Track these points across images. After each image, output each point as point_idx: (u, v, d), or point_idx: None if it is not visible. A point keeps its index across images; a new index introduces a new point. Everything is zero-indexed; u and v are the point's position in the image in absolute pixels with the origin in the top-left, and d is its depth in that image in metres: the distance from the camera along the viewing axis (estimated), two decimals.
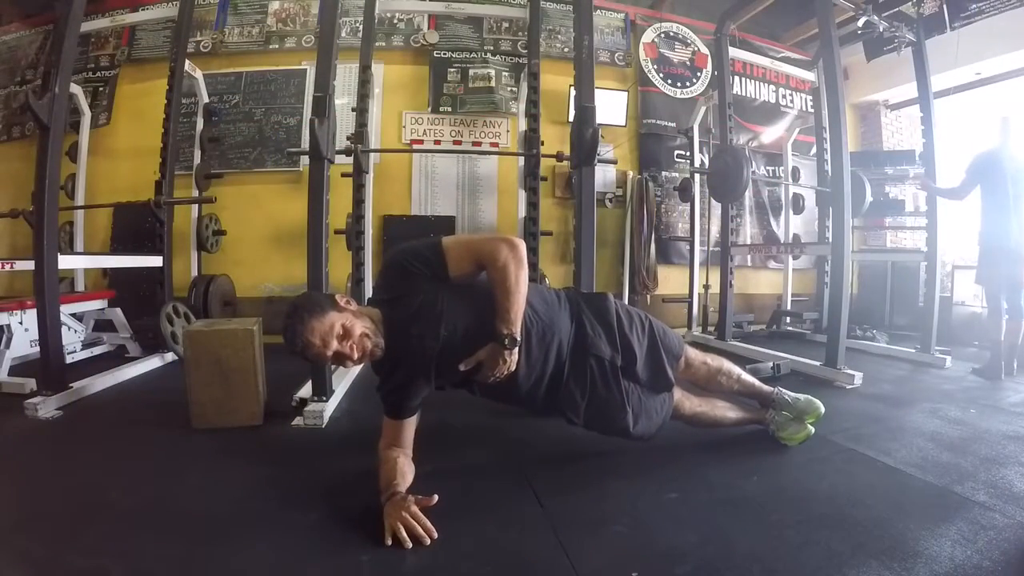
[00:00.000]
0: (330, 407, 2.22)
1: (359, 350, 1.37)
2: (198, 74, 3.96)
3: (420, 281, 1.43)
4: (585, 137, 2.35)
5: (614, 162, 4.38)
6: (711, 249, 4.55)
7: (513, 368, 1.43)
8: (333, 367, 2.38)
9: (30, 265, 2.39)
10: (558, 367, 1.56)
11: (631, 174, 4.83)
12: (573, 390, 1.58)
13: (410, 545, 1.19)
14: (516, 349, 1.41)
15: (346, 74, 3.97)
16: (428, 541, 1.21)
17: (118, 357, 3.30)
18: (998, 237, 3.12)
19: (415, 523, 1.23)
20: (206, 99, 4.10)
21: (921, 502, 1.45)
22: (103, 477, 1.62)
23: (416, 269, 1.43)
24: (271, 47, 4.49)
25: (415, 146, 4.53)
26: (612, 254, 4.76)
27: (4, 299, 3.11)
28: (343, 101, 3.99)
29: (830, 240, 3.34)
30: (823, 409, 1.85)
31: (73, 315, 3.22)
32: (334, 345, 1.34)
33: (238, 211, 4.25)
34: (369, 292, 3.15)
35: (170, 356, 3.24)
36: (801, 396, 1.88)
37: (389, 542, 1.20)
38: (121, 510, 1.40)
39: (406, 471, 1.43)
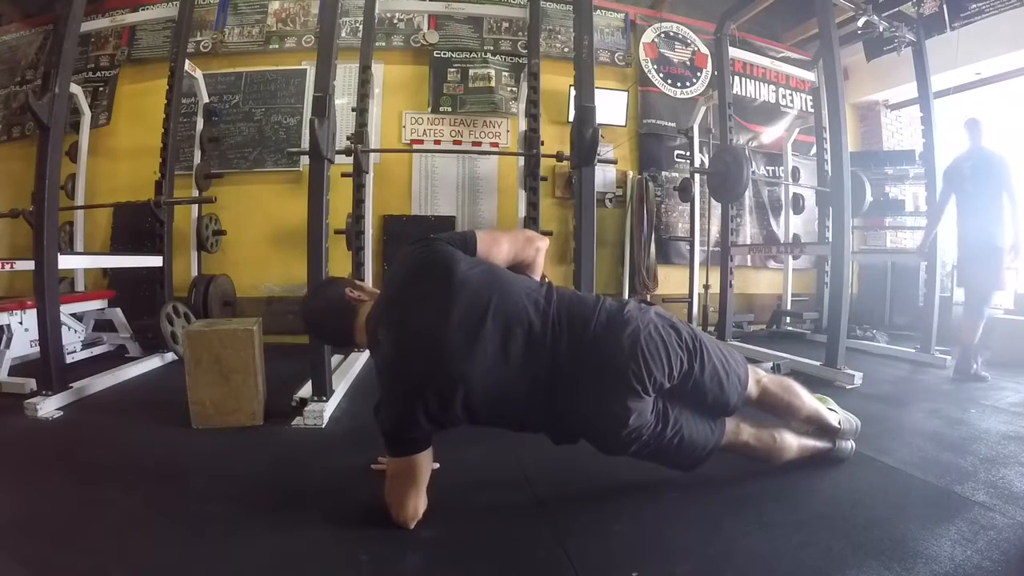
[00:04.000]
0: (330, 407, 2.22)
1: None
2: (198, 74, 3.96)
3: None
4: (585, 137, 2.35)
5: (614, 162, 4.38)
6: (711, 249, 4.55)
7: None
8: (333, 369, 2.38)
9: (30, 265, 2.39)
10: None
11: (631, 174, 4.83)
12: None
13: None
14: None
15: (346, 74, 3.97)
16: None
17: (118, 357, 3.30)
18: (966, 239, 3.22)
19: None
20: (206, 99, 4.10)
21: (921, 502, 1.45)
22: (103, 477, 1.62)
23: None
24: (271, 47, 4.49)
25: (415, 146, 4.52)
26: (612, 254, 4.76)
27: (4, 299, 3.11)
28: (343, 101, 3.99)
29: (830, 240, 3.34)
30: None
31: (73, 315, 3.22)
32: None
33: (238, 211, 4.25)
34: None
35: (170, 356, 3.24)
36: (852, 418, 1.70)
37: None
38: (121, 510, 1.40)
39: None
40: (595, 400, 1.26)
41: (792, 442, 1.56)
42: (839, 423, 1.66)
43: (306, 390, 2.28)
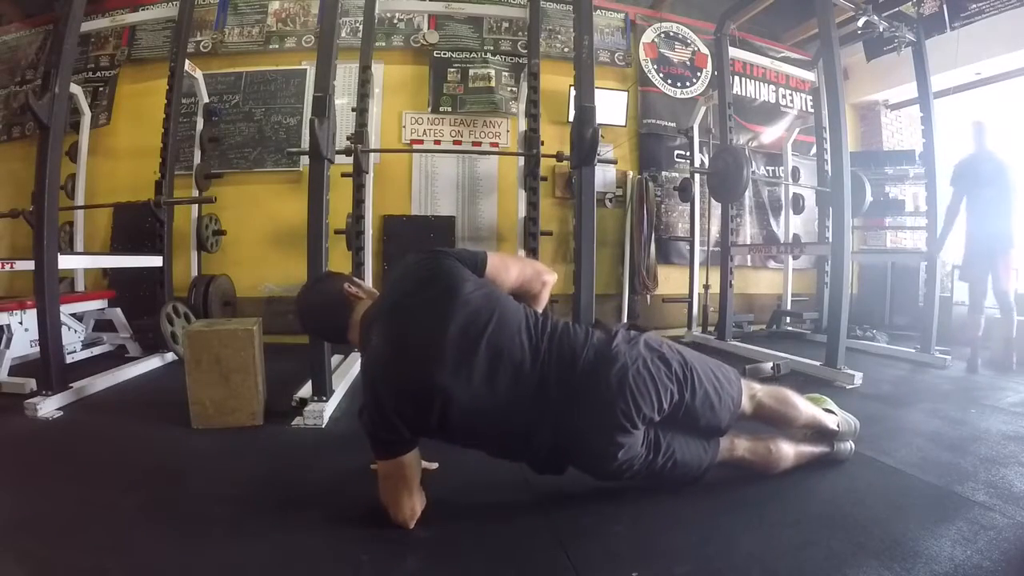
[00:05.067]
0: (330, 407, 2.22)
1: None
2: (198, 74, 3.96)
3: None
4: (585, 137, 2.35)
5: (614, 162, 4.38)
6: (711, 249, 4.55)
7: None
8: (333, 369, 2.38)
9: (30, 265, 2.39)
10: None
11: (631, 174, 4.82)
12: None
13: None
14: None
15: (346, 74, 3.97)
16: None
17: (118, 357, 3.30)
18: (978, 238, 3.36)
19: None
20: (206, 99, 4.10)
21: (921, 502, 1.46)
22: (103, 477, 1.62)
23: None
24: (271, 47, 4.48)
25: (415, 146, 4.52)
26: (612, 254, 4.75)
27: (4, 299, 3.11)
28: (343, 101, 3.98)
29: (830, 240, 3.34)
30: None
31: (73, 315, 3.22)
32: None
33: (238, 211, 4.25)
34: None
35: (170, 356, 3.24)
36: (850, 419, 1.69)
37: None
38: (121, 510, 1.40)
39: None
40: (583, 436, 1.27)
41: (789, 451, 1.57)
42: (837, 425, 1.65)
43: (306, 390, 2.28)
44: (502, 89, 4.59)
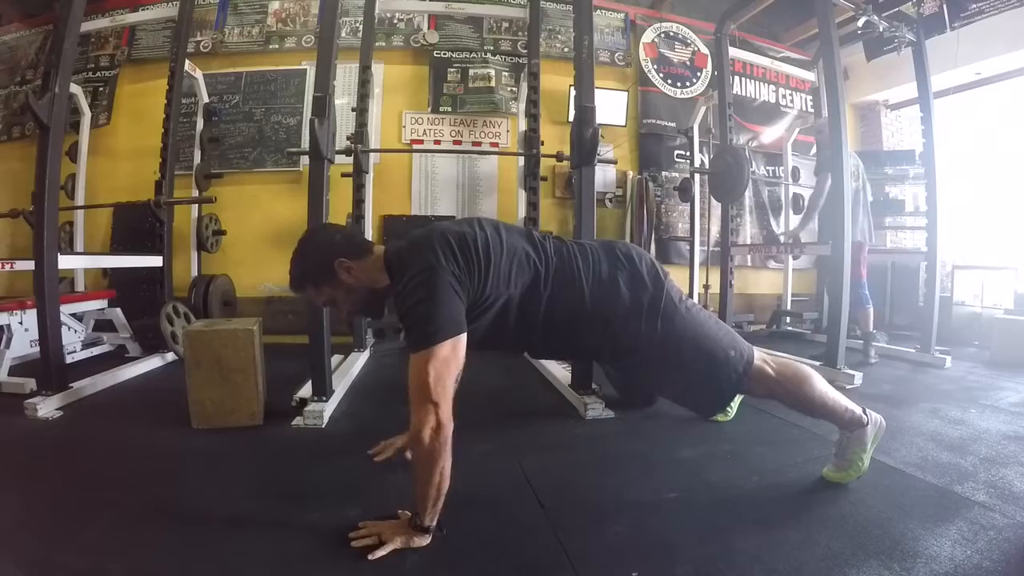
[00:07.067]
0: (330, 407, 2.22)
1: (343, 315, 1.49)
2: (198, 74, 3.96)
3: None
4: (585, 137, 2.35)
5: (614, 162, 4.38)
6: (711, 249, 4.55)
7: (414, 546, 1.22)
8: (333, 369, 2.38)
9: (30, 265, 2.39)
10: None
11: (631, 174, 4.83)
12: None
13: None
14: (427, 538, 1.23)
15: (346, 74, 3.98)
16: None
17: (118, 357, 3.30)
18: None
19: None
20: (206, 99, 4.10)
21: (921, 502, 1.45)
22: (103, 477, 1.62)
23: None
24: (271, 47, 4.49)
25: (415, 146, 4.53)
26: None
27: (4, 299, 3.11)
28: (343, 101, 3.99)
29: (830, 240, 3.34)
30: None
31: (73, 315, 3.22)
32: (320, 305, 1.50)
33: (238, 211, 4.25)
34: None
35: (170, 356, 3.24)
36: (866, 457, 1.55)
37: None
38: (121, 510, 1.40)
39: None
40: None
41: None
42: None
43: (306, 390, 2.28)
44: (502, 89, 4.59)
